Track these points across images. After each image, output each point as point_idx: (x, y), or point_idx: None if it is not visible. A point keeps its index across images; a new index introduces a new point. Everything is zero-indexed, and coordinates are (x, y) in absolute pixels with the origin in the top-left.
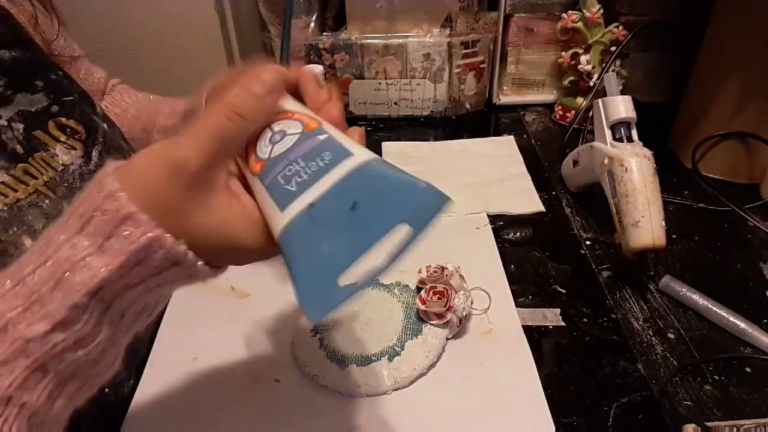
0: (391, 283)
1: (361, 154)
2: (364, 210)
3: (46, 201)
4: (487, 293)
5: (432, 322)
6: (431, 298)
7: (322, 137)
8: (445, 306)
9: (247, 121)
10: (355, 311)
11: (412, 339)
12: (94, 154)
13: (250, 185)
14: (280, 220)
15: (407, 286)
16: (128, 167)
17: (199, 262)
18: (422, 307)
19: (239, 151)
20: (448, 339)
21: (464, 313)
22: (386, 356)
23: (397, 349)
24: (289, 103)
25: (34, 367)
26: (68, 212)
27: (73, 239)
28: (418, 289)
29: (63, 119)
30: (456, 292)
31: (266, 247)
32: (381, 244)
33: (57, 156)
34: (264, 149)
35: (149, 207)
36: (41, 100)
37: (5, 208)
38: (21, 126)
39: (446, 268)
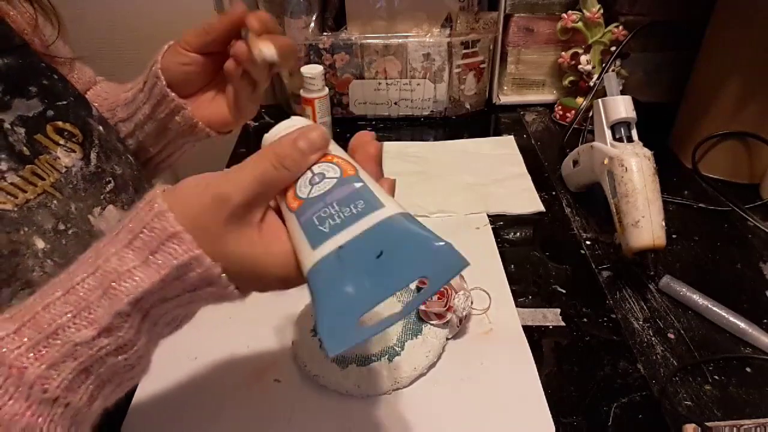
0: None
1: (391, 207)
2: (389, 260)
3: (54, 201)
4: (487, 293)
5: (432, 322)
6: (431, 298)
7: (357, 185)
8: (445, 306)
9: (289, 172)
10: None
11: (412, 339)
12: (93, 156)
13: (285, 219)
14: (311, 257)
15: (407, 286)
16: (176, 191)
17: (231, 286)
18: (422, 307)
19: (278, 192)
20: (448, 339)
21: (464, 313)
22: (386, 356)
23: (397, 349)
24: (331, 146)
25: (79, 369)
26: (118, 227)
27: (121, 252)
28: (418, 290)
29: (60, 123)
30: (456, 292)
31: (291, 280)
32: (401, 294)
33: (59, 158)
34: (303, 189)
35: (191, 229)
36: (37, 105)
37: (15, 209)
38: (22, 130)
39: None
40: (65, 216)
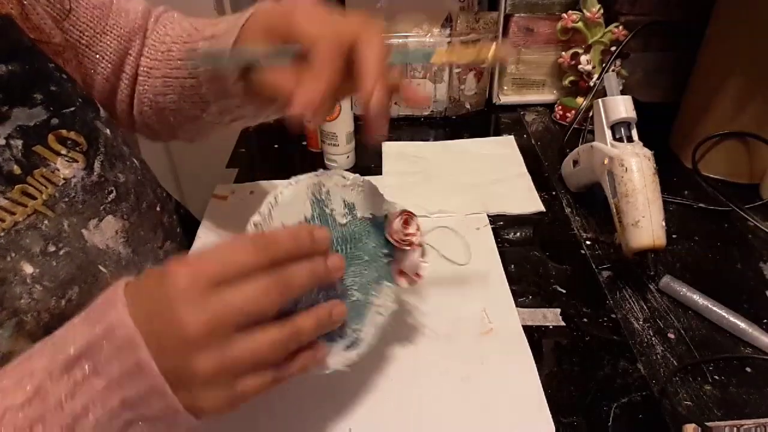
0: None
1: None
2: None
3: (45, 221)
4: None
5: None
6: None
7: None
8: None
9: None
10: None
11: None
12: (96, 164)
13: None
14: None
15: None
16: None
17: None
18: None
19: None
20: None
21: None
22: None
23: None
24: None
25: None
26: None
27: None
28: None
29: (63, 132)
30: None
31: None
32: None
33: (58, 170)
34: None
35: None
36: (40, 114)
37: (2, 234)
38: (20, 142)
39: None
40: (57, 236)
